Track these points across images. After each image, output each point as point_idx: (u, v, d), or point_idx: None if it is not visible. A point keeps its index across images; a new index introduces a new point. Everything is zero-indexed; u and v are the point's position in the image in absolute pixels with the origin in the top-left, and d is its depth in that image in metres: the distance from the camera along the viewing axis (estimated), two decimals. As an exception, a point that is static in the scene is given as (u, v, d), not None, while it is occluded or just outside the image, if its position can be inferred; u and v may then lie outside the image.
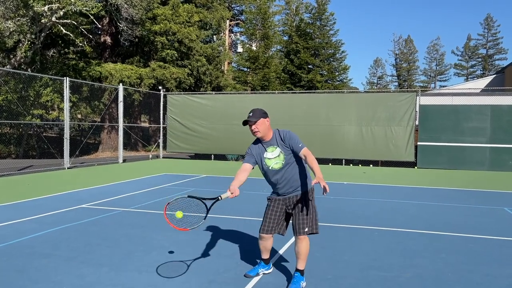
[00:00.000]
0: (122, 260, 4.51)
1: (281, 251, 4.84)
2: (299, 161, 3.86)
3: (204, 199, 3.73)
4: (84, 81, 17.16)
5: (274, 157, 3.81)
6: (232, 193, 3.59)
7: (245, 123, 3.78)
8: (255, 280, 3.98)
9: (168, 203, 3.74)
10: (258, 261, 4.23)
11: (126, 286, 3.80)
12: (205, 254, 4.78)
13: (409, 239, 5.58)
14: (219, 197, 3.65)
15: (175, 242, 5.23)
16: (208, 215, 3.80)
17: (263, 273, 4.13)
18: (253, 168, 3.87)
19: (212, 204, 3.74)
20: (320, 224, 6.36)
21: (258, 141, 3.91)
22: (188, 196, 3.75)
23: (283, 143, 3.81)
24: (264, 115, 3.80)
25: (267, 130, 3.81)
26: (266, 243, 3.95)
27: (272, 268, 4.24)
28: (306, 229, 3.74)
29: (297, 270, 3.82)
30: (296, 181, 3.81)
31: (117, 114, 17.32)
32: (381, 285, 3.92)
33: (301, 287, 3.75)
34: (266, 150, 3.85)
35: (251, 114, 3.76)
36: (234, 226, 6.16)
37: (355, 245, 5.24)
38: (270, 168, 3.82)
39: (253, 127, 3.76)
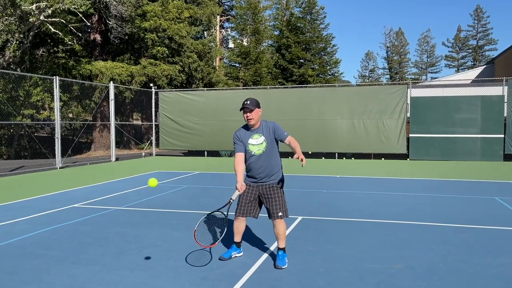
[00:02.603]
0: (114, 259, 4.50)
1: (272, 247, 4.84)
2: (276, 152, 4.34)
3: (219, 209, 4.28)
4: (74, 80, 17.02)
5: (257, 144, 4.25)
6: (239, 190, 4.08)
7: (242, 109, 4.22)
8: (247, 275, 3.99)
9: (195, 230, 4.23)
10: (231, 244, 4.55)
11: (119, 285, 3.79)
12: (198, 251, 4.78)
13: (401, 231, 5.62)
14: (231, 200, 4.05)
15: (167, 240, 5.22)
16: (227, 219, 4.31)
17: (235, 256, 4.49)
18: (245, 154, 4.31)
19: (228, 208, 4.24)
20: (313, 218, 6.41)
21: (245, 127, 4.34)
22: (207, 215, 4.34)
23: (269, 133, 4.25)
24: (259, 105, 4.26)
25: (258, 119, 4.27)
26: (240, 225, 4.38)
27: (242, 253, 4.57)
28: (280, 214, 4.23)
29: (279, 248, 4.32)
30: (272, 169, 4.27)
31: (109, 113, 17.22)
32: (373, 277, 3.95)
33: (286, 262, 4.24)
34: (251, 137, 4.28)
35: (248, 102, 4.17)
36: (227, 223, 6.15)
37: (348, 238, 5.26)
38: (252, 153, 4.25)
39: (249, 114, 4.19)
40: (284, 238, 4.30)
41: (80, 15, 17.08)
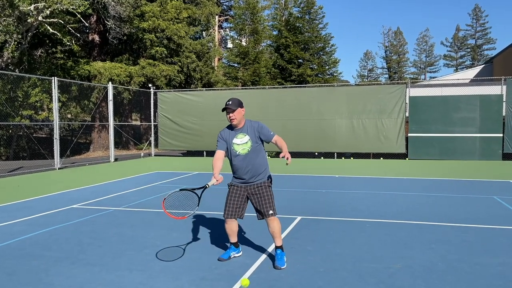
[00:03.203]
0: (113, 259, 4.49)
1: (270, 248, 4.84)
2: (262, 151, 4.33)
3: (194, 189, 4.21)
4: (73, 81, 17.01)
5: (242, 143, 4.23)
6: (217, 180, 4.03)
7: (224, 109, 4.20)
8: (246, 275, 3.98)
9: (164, 199, 4.17)
10: (229, 245, 4.56)
11: (118, 285, 3.78)
12: (196, 251, 4.78)
13: (400, 230, 5.62)
14: (207, 185, 4.11)
15: (166, 240, 5.22)
16: (200, 201, 4.27)
17: (234, 256, 4.48)
18: (225, 153, 4.32)
19: (202, 192, 4.20)
20: (312, 218, 6.41)
21: (229, 127, 4.32)
22: (180, 190, 4.19)
23: (253, 132, 4.23)
24: (241, 105, 4.22)
25: (242, 119, 4.24)
26: (231, 226, 4.36)
27: (241, 252, 4.57)
28: (271, 212, 4.20)
29: (277, 247, 4.28)
30: (258, 168, 4.25)
31: (108, 113, 17.20)
32: (372, 276, 3.95)
33: (285, 262, 4.21)
34: (235, 136, 4.25)
35: (230, 103, 4.14)
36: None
37: (347, 238, 5.26)
38: (237, 153, 4.23)
39: (231, 115, 4.16)
40: (280, 236, 4.27)
41: (79, 15, 17.06)
